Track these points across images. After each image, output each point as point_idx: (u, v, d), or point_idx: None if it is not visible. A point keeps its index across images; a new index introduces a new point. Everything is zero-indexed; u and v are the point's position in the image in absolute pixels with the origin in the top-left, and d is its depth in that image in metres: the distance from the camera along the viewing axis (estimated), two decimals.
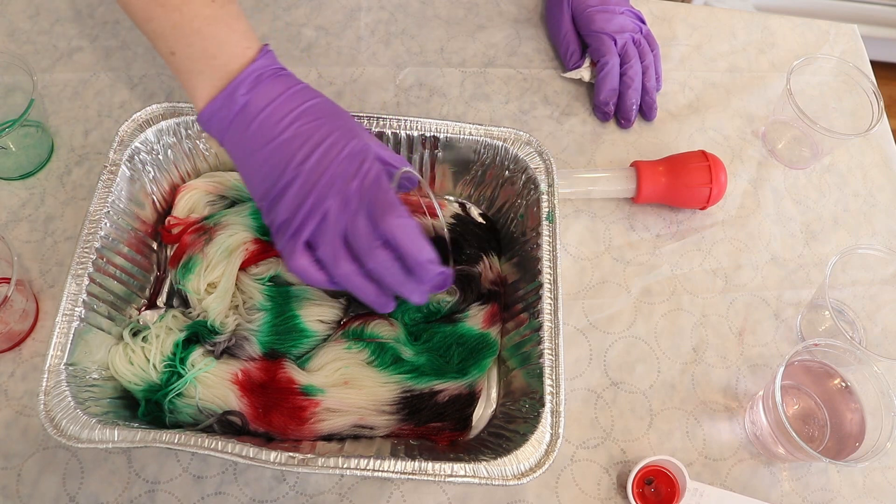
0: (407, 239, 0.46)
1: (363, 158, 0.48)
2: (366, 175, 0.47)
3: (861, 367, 0.58)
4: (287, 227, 0.47)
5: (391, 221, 0.45)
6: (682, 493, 0.56)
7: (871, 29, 1.62)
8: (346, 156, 0.47)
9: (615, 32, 0.73)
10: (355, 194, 0.46)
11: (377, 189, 0.47)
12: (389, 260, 0.46)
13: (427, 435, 0.56)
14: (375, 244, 0.46)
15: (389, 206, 0.46)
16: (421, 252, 0.46)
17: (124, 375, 0.55)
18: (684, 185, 0.67)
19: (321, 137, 0.47)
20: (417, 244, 0.46)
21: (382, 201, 0.46)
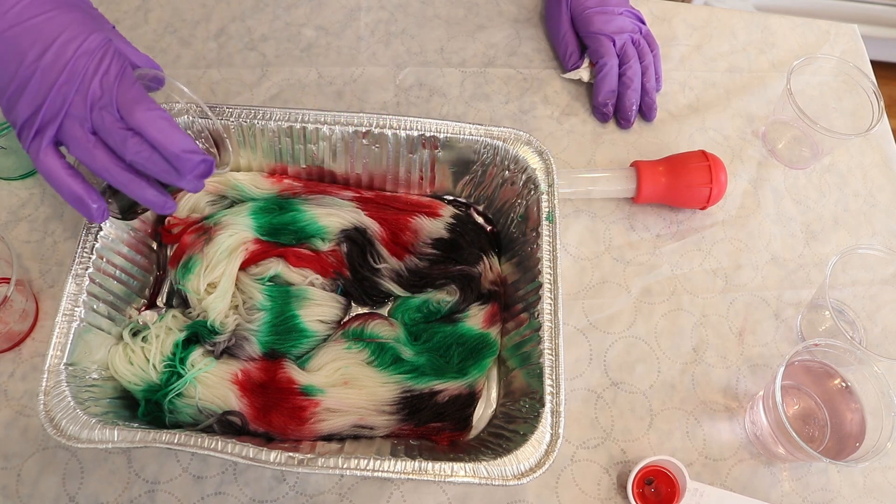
0: (157, 131, 0.44)
1: (102, 54, 0.45)
2: (107, 71, 0.45)
3: (861, 367, 0.58)
4: (30, 127, 0.45)
5: (139, 115, 0.44)
6: (682, 493, 0.56)
7: (872, 29, 1.62)
8: (85, 51, 0.45)
9: (614, 33, 0.73)
10: (97, 91, 0.45)
11: (121, 84, 0.45)
12: (146, 147, 0.45)
13: (427, 435, 0.56)
14: (128, 134, 0.44)
15: (136, 100, 0.45)
16: (175, 143, 0.45)
17: (124, 375, 0.55)
18: (684, 185, 0.67)
19: (56, 31, 0.45)
20: (170, 135, 0.45)
21: (128, 96, 0.45)
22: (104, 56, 0.46)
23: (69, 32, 0.45)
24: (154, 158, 0.45)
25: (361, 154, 0.63)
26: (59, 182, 0.46)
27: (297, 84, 0.74)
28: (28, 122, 0.45)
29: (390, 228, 0.62)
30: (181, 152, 0.45)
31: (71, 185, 0.46)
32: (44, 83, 0.44)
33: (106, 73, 0.45)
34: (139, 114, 0.44)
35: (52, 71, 0.44)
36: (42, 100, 0.44)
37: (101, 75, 0.45)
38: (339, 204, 0.62)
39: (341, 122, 0.60)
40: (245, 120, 0.60)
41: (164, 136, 0.45)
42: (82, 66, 0.45)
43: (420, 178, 0.65)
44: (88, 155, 0.45)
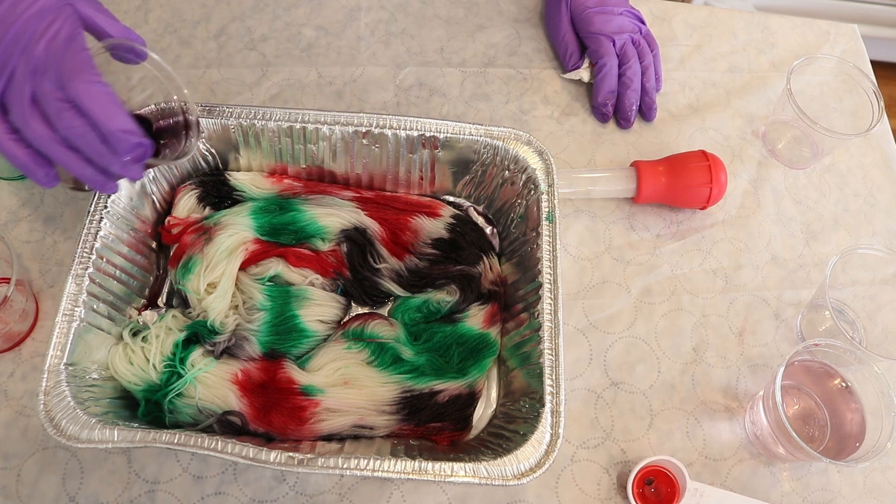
0: (95, 105, 0.42)
1: (53, 18, 0.43)
2: (55, 35, 0.43)
3: (861, 367, 0.58)
4: None
5: (77, 86, 0.41)
6: (682, 493, 0.56)
7: (872, 29, 1.62)
8: (36, 12, 0.43)
9: (613, 33, 0.73)
10: (42, 55, 0.42)
11: (66, 50, 0.43)
12: (81, 123, 0.42)
13: (427, 435, 0.56)
14: (64, 107, 0.42)
15: (78, 69, 0.42)
16: (112, 120, 0.42)
17: (124, 375, 0.55)
18: (684, 184, 0.67)
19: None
20: (108, 111, 0.42)
21: (70, 63, 0.42)
22: (56, 18, 0.43)
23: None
24: (88, 135, 0.43)
25: (361, 154, 0.63)
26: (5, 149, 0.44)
27: (297, 84, 0.74)
28: None
29: (390, 228, 0.62)
30: (117, 130, 0.43)
31: (14, 151, 0.44)
32: None
33: (54, 38, 0.43)
34: (78, 84, 0.42)
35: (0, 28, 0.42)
36: None
37: (49, 39, 0.43)
38: (339, 204, 0.62)
39: (341, 122, 0.60)
40: (245, 120, 0.60)
41: (101, 111, 0.42)
42: (31, 27, 0.43)
43: (420, 178, 0.65)
44: (24, 123, 0.43)
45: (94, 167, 0.45)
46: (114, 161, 0.44)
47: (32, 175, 0.45)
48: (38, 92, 0.42)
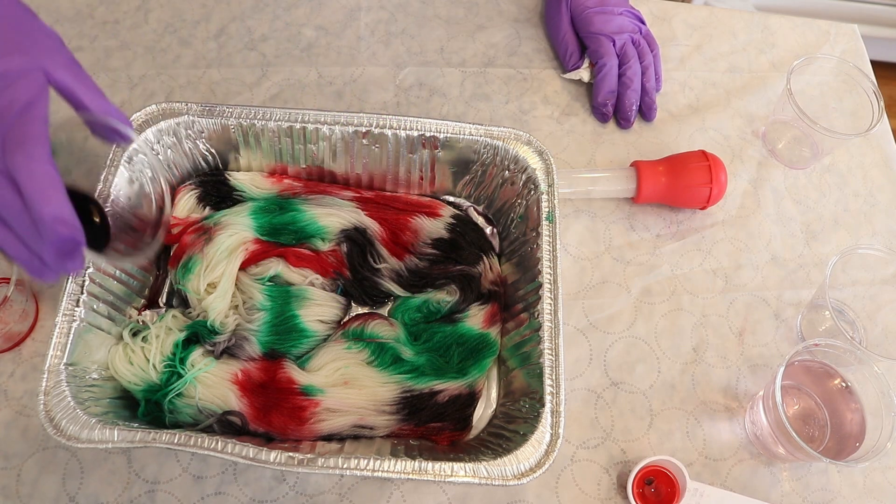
0: (31, 183, 0.37)
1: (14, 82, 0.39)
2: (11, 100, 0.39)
3: (861, 367, 0.58)
4: None
5: (17, 159, 0.37)
6: (682, 493, 0.56)
7: (872, 29, 1.62)
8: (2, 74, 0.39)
9: (614, 33, 0.73)
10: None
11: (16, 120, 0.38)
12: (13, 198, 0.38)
13: (427, 435, 0.56)
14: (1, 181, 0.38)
15: (24, 141, 0.38)
16: (45, 204, 0.37)
17: (124, 375, 0.55)
18: (684, 184, 0.67)
19: None
20: (44, 193, 0.37)
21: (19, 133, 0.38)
22: (17, 82, 0.40)
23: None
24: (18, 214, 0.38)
25: (361, 154, 0.63)
26: None
27: (297, 84, 0.74)
28: None
29: (390, 228, 0.62)
30: (49, 217, 0.37)
31: None
32: None
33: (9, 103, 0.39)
34: (19, 157, 0.37)
35: None
36: None
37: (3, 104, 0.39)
38: (339, 204, 0.62)
39: (341, 122, 0.60)
40: (245, 120, 0.60)
41: (35, 192, 0.37)
42: None
43: (420, 178, 0.65)
44: None
45: (28, 250, 0.40)
46: (43, 249, 0.39)
47: None
48: None
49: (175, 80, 0.73)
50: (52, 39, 0.43)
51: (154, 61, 0.74)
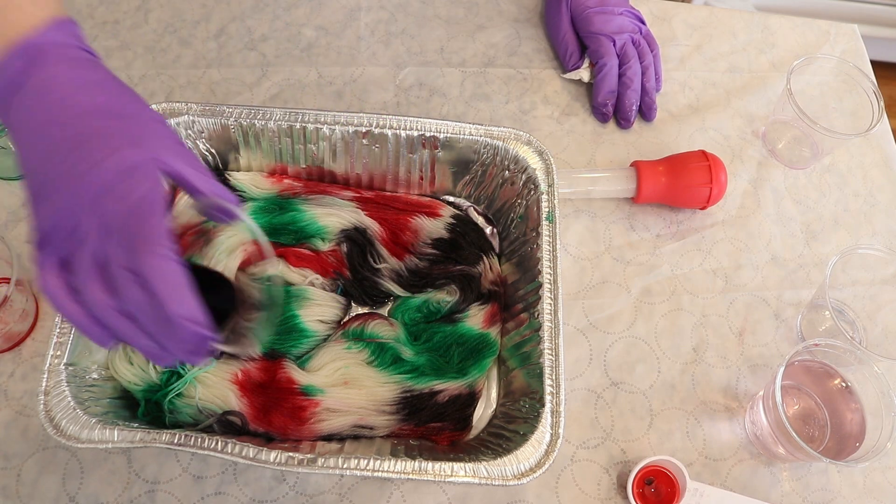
0: (163, 284, 0.37)
1: (137, 178, 0.39)
2: (134, 196, 0.38)
3: (861, 367, 0.58)
4: (40, 242, 0.39)
5: (147, 259, 0.37)
6: (682, 493, 0.56)
7: (872, 29, 1.62)
8: (118, 171, 0.39)
9: (614, 33, 0.73)
10: (117, 220, 0.38)
11: (142, 218, 0.38)
12: (143, 301, 0.38)
13: (427, 435, 0.56)
14: (129, 277, 0.38)
15: (151, 239, 0.37)
16: (177, 304, 0.37)
17: (124, 375, 0.55)
18: (684, 184, 0.67)
19: (97, 142, 0.39)
20: (176, 293, 0.37)
21: (145, 234, 0.38)
22: (138, 180, 0.39)
23: (108, 147, 0.39)
24: (148, 312, 0.38)
25: (361, 154, 0.63)
26: (58, 306, 0.39)
27: (297, 84, 0.74)
28: (39, 233, 0.40)
29: (390, 228, 0.62)
30: (181, 317, 0.37)
31: (70, 311, 0.39)
32: (60, 199, 0.39)
33: (133, 199, 0.38)
34: (148, 257, 0.37)
35: (76, 185, 0.38)
36: (57, 213, 0.39)
37: (128, 203, 0.38)
38: (339, 204, 0.62)
39: (341, 122, 0.60)
40: (245, 120, 0.60)
41: (167, 292, 0.37)
42: (108, 187, 0.39)
43: (420, 178, 0.65)
44: (83, 286, 0.38)
45: (151, 340, 0.40)
46: (173, 345, 0.39)
47: (88, 334, 0.40)
48: (103, 256, 0.38)
49: (175, 80, 0.73)
50: (159, 123, 0.43)
51: (154, 61, 0.74)
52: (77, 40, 0.43)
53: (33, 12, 0.41)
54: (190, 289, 0.38)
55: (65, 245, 0.39)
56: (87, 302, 0.38)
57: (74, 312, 0.39)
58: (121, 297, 0.38)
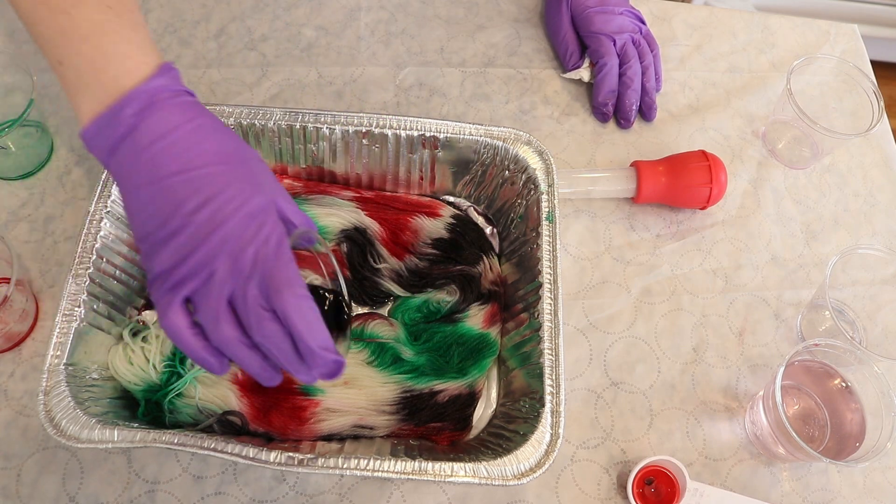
0: (302, 320, 0.40)
1: (263, 221, 0.42)
2: (265, 242, 0.41)
3: (861, 367, 0.58)
4: (165, 279, 0.41)
5: (287, 299, 0.40)
6: (682, 493, 0.56)
7: (872, 29, 1.62)
8: (246, 215, 0.41)
9: (614, 33, 0.73)
10: (249, 261, 0.41)
11: (276, 260, 0.41)
12: (280, 334, 0.41)
13: (427, 435, 0.56)
14: (265, 316, 0.40)
15: (287, 282, 0.40)
16: (315, 337, 0.41)
17: (124, 375, 0.55)
18: (684, 184, 0.67)
19: (219, 188, 0.41)
20: (312, 327, 0.41)
21: (280, 275, 0.41)
22: (264, 223, 0.42)
23: (232, 190, 0.42)
24: (284, 347, 0.41)
25: (361, 154, 0.63)
26: (183, 342, 0.42)
27: (297, 84, 0.74)
28: (164, 275, 0.42)
29: (390, 228, 0.62)
30: (318, 348, 0.41)
31: (194, 347, 0.42)
32: (193, 239, 0.41)
33: (264, 244, 0.41)
34: (288, 298, 0.40)
35: (206, 228, 0.41)
36: (186, 256, 0.41)
37: (258, 245, 0.41)
38: (339, 204, 0.62)
39: (341, 122, 0.60)
40: (245, 120, 0.60)
41: (306, 328, 0.40)
42: (240, 230, 0.41)
43: (420, 178, 0.65)
44: (214, 323, 0.41)
45: (270, 366, 0.43)
46: (303, 373, 0.42)
47: (207, 365, 0.43)
48: (237, 297, 0.41)
49: None
50: (262, 163, 0.46)
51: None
52: (180, 84, 0.45)
53: (141, 60, 0.43)
54: (322, 322, 0.41)
55: (194, 286, 0.41)
56: (216, 337, 0.41)
57: (198, 347, 0.42)
58: (258, 333, 0.41)
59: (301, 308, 0.40)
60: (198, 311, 0.42)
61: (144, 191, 0.42)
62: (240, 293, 0.41)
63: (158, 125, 0.42)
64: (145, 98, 0.42)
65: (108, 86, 0.42)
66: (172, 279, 0.41)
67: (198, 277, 0.41)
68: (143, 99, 0.42)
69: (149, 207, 0.42)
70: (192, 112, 0.43)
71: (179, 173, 0.41)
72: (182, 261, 0.41)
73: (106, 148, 0.43)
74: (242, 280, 0.41)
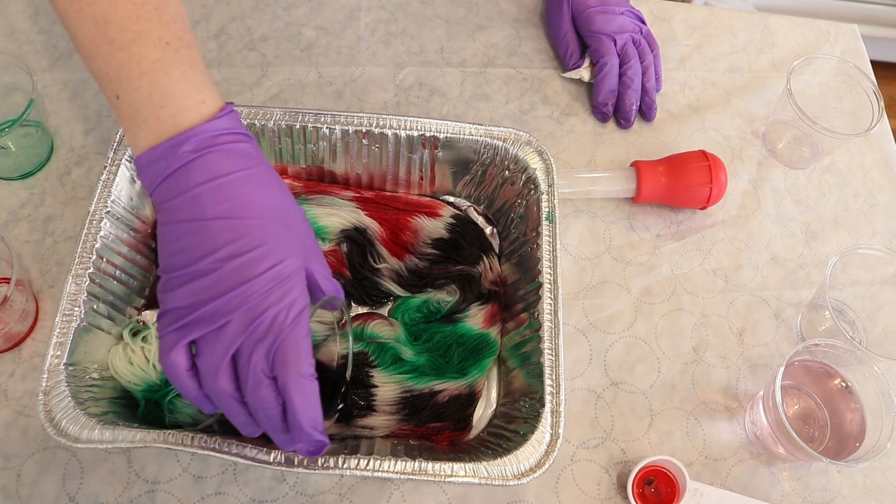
0: (300, 397, 0.40)
1: (290, 287, 0.42)
2: (287, 309, 0.41)
3: (861, 367, 0.58)
4: (177, 317, 0.41)
5: (291, 373, 0.40)
6: (682, 493, 0.56)
7: (872, 29, 1.62)
8: (274, 276, 0.41)
9: (615, 33, 0.73)
10: (265, 325, 0.41)
11: (292, 332, 0.41)
12: (273, 403, 0.41)
13: (427, 435, 0.56)
14: (265, 382, 0.41)
15: (296, 356, 0.41)
16: (308, 416, 0.41)
17: (124, 375, 0.55)
18: (684, 184, 0.67)
19: (256, 242, 0.42)
20: (308, 406, 0.41)
21: (291, 347, 0.41)
22: (291, 290, 0.42)
23: (267, 247, 0.42)
24: (273, 415, 0.41)
25: (361, 154, 0.63)
26: (179, 382, 0.42)
27: (297, 84, 0.74)
28: (176, 312, 0.42)
29: (390, 228, 0.62)
30: (307, 427, 0.41)
31: (188, 388, 0.42)
32: (216, 286, 0.41)
33: (285, 311, 0.41)
34: (292, 372, 0.40)
35: (232, 279, 0.41)
36: (204, 301, 0.41)
37: (278, 311, 0.41)
38: (339, 204, 0.62)
39: (341, 122, 0.60)
40: (245, 120, 0.60)
41: (302, 405, 0.40)
42: (264, 290, 0.41)
43: (420, 178, 0.65)
44: (212, 374, 0.41)
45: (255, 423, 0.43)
46: (286, 444, 0.43)
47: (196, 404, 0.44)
48: (243, 356, 0.41)
49: None
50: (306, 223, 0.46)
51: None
52: (241, 127, 0.45)
53: (198, 98, 0.44)
54: (318, 402, 0.41)
55: (202, 332, 0.41)
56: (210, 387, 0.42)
57: (191, 389, 0.42)
58: (252, 395, 0.41)
59: (304, 386, 0.41)
60: (199, 356, 0.42)
61: (183, 227, 0.42)
62: (246, 353, 0.41)
63: (213, 166, 0.42)
64: (205, 138, 0.43)
65: (164, 122, 0.43)
66: (184, 319, 0.41)
67: (210, 325, 0.41)
68: (202, 138, 0.42)
69: (181, 242, 0.42)
70: (249, 160, 0.44)
71: (221, 218, 0.42)
72: (199, 304, 0.41)
73: (156, 179, 0.43)
74: (253, 341, 0.41)
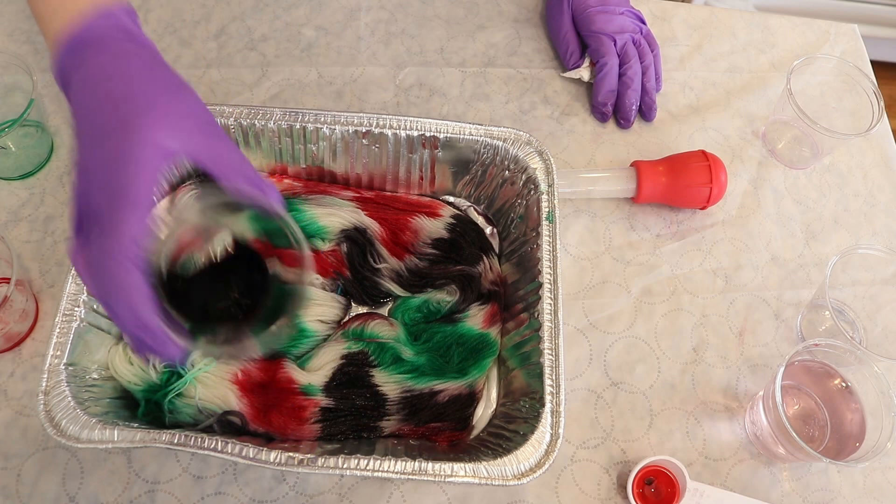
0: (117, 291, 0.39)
1: (127, 165, 0.40)
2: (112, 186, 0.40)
3: (861, 367, 0.58)
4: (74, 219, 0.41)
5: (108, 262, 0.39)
6: (682, 493, 0.56)
7: (872, 29, 1.62)
8: (113, 158, 0.40)
9: (615, 33, 0.73)
10: (98, 208, 0.40)
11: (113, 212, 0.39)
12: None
13: (427, 435, 0.56)
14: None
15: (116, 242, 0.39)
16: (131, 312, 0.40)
17: (124, 375, 0.55)
18: (684, 184, 0.67)
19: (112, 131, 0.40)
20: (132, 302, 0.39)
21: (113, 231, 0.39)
22: (125, 167, 0.40)
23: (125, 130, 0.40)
24: None
25: (361, 154, 0.63)
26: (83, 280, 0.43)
27: (297, 84, 0.74)
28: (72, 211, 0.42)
29: (390, 228, 0.62)
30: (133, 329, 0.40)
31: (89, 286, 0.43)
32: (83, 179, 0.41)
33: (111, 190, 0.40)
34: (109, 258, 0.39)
35: (88, 168, 0.41)
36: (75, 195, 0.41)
37: (106, 191, 0.40)
38: (339, 204, 0.62)
39: (341, 122, 0.60)
40: (245, 120, 0.60)
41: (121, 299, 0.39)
42: (102, 174, 0.40)
43: (420, 178, 0.65)
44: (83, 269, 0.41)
45: None
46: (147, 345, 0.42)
47: None
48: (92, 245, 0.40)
49: None
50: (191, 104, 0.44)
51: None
52: (135, 24, 0.45)
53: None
54: (144, 299, 0.39)
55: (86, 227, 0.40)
56: None
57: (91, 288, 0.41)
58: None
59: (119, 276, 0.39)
60: None
61: (74, 127, 0.43)
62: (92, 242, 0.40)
63: (96, 65, 0.43)
64: (94, 35, 0.43)
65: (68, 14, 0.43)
66: (77, 220, 0.41)
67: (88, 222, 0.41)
68: (91, 36, 0.43)
69: (76, 142, 0.42)
70: (132, 53, 0.43)
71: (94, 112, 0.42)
72: (75, 201, 0.41)
73: (64, 78, 0.44)
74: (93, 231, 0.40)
